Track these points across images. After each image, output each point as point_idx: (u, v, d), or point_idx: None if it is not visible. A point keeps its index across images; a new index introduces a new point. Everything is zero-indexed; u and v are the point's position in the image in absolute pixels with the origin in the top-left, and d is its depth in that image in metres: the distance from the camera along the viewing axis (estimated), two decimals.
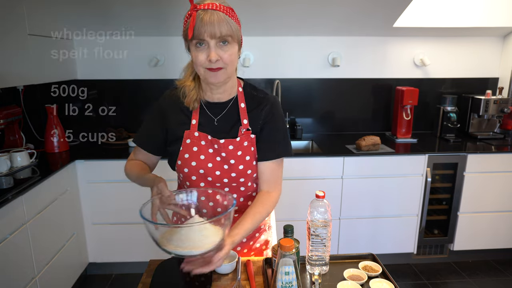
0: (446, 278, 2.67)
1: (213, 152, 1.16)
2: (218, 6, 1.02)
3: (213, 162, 1.16)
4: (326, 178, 2.56)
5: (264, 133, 1.19)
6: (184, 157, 1.16)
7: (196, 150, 1.16)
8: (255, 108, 1.19)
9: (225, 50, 1.04)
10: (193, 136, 1.16)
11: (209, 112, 1.19)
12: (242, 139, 1.16)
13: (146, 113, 1.27)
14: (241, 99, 1.19)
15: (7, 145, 2.38)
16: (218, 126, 1.18)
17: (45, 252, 2.04)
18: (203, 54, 1.04)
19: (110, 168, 2.44)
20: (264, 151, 1.19)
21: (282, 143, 1.20)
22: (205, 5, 1.02)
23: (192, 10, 1.02)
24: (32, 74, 2.24)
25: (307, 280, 1.13)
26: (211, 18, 1.00)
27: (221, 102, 1.19)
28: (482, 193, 2.67)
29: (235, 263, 1.17)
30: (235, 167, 1.16)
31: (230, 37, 1.03)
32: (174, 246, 0.88)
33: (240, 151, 1.16)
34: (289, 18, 2.70)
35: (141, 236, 2.56)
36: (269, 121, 1.19)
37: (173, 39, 2.90)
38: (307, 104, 3.12)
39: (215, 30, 1.00)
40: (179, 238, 0.90)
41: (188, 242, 0.89)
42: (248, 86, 1.23)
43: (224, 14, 1.02)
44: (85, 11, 2.53)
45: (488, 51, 3.12)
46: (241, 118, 1.18)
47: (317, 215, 1.10)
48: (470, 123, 3.02)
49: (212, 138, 1.16)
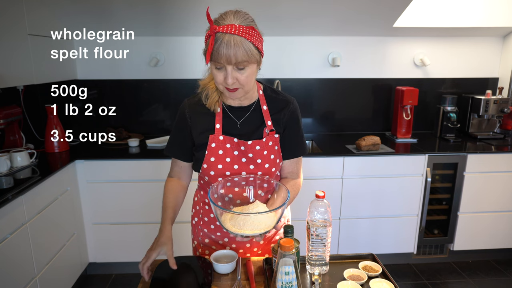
0: (446, 278, 2.67)
1: (239, 154, 1.20)
2: (237, 28, 1.01)
3: (239, 163, 1.20)
4: (326, 178, 2.56)
5: (287, 133, 1.26)
6: (210, 160, 1.20)
7: (221, 154, 1.19)
8: (278, 110, 1.25)
9: (241, 73, 1.06)
10: (218, 140, 1.19)
11: (232, 115, 1.23)
12: (267, 139, 1.21)
13: (172, 124, 1.31)
14: (263, 102, 1.24)
15: (7, 145, 2.38)
16: (242, 129, 1.22)
17: (45, 252, 2.04)
18: (221, 75, 1.07)
19: (110, 168, 2.44)
20: (288, 151, 1.27)
21: (302, 143, 1.31)
22: (223, 27, 1.00)
23: (212, 31, 1.02)
24: (32, 74, 2.24)
25: (307, 280, 1.13)
26: (228, 44, 1.00)
27: (244, 106, 1.23)
28: (482, 193, 2.67)
29: (235, 263, 1.17)
30: (262, 166, 1.21)
31: (246, 62, 1.04)
32: (239, 228, 1.04)
33: (266, 150, 1.21)
34: (289, 18, 2.70)
35: (141, 236, 2.56)
36: (291, 122, 1.26)
37: (173, 39, 2.90)
38: (307, 104, 3.12)
39: (231, 57, 1.01)
40: (245, 223, 1.04)
41: (256, 225, 1.04)
42: (268, 89, 1.28)
43: (241, 38, 1.01)
44: (85, 11, 2.53)
45: (488, 51, 3.12)
46: (265, 119, 1.23)
47: (317, 215, 1.10)
48: (470, 123, 3.02)
49: (238, 141, 1.20)
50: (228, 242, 1.31)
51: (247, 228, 1.03)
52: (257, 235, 1.05)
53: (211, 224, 1.31)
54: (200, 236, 1.35)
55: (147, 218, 2.54)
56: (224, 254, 1.22)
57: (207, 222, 1.32)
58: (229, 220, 1.07)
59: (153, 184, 2.46)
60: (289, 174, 1.33)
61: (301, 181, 1.37)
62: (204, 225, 1.33)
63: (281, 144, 1.24)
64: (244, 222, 1.03)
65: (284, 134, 1.25)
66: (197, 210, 1.37)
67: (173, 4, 2.48)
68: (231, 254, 1.21)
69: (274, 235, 1.36)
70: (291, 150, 1.28)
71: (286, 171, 1.32)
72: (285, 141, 1.25)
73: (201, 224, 1.34)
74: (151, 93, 3.00)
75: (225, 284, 1.11)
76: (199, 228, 1.35)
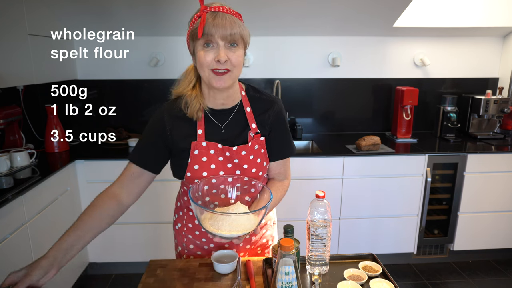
0: (446, 278, 2.67)
1: (224, 159, 1.14)
2: (228, 9, 1.03)
3: (224, 169, 1.14)
4: (326, 178, 2.56)
5: (274, 135, 1.21)
6: (193, 168, 1.13)
7: (205, 160, 1.13)
8: (262, 111, 1.19)
9: (233, 51, 1.02)
10: (201, 146, 1.12)
11: (215, 119, 1.15)
12: (253, 143, 1.16)
13: (144, 129, 1.18)
14: (246, 103, 1.18)
15: (7, 145, 2.38)
16: (225, 133, 1.15)
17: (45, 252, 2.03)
18: (211, 55, 1.01)
19: (110, 168, 2.44)
20: (275, 152, 1.23)
21: (290, 143, 1.26)
22: (215, 7, 1.01)
23: (202, 11, 1.01)
24: (32, 74, 2.24)
25: (307, 280, 1.13)
26: (223, 20, 0.99)
27: (226, 108, 1.16)
28: (482, 193, 2.67)
29: (235, 263, 1.17)
30: (248, 171, 1.16)
31: (240, 39, 1.02)
32: (217, 228, 1.00)
33: (252, 155, 1.16)
34: (289, 18, 2.70)
35: (141, 236, 2.56)
36: (277, 123, 1.21)
37: (173, 39, 2.90)
38: (307, 104, 3.12)
39: (226, 32, 0.99)
40: (224, 223, 1.00)
41: (234, 226, 1.00)
42: (251, 89, 1.22)
43: (235, 17, 1.03)
44: (85, 11, 2.53)
45: (488, 51, 3.12)
46: (249, 122, 1.17)
47: (317, 215, 1.10)
48: (470, 123, 3.02)
49: (223, 146, 1.13)
50: (213, 248, 1.27)
51: (225, 229, 0.99)
52: (235, 236, 0.99)
53: (196, 230, 1.26)
54: (184, 242, 1.30)
55: (147, 218, 2.54)
56: (224, 254, 1.22)
57: (192, 229, 1.27)
58: (208, 219, 1.02)
59: (153, 184, 2.43)
60: (276, 175, 1.29)
61: (289, 182, 1.32)
62: (189, 231, 1.28)
63: (267, 146, 1.19)
64: (222, 222, 0.99)
65: (270, 136, 1.20)
66: (180, 216, 1.31)
67: (173, 4, 2.48)
68: (231, 254, 1.21)
69: (260, 238, 1.32)
70: (278, 152, 1.23)
71: (273, 172, 1.28)
72: (271, 143, 1.21)
73: (185, 230, 1.29)
74: (151, 93, 3.00)
75: (225, 284, 1.10)
76: (183, 234, 1.30)
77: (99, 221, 1.11)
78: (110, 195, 1.15)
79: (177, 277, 1.14)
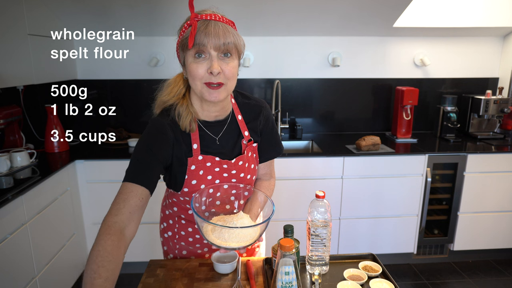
0: (446, 278, 2.67)
1: (220, 170, 1.13)
2: (220, 17, 0.97)
3: (220, 178, 1.14)
4: (326, 178, 2.56)
5: (263, 138, 1.23)
6: (191, 183, 1.11)
7: (202, 174, 1.11)
8: (253, 119, 1.19)
9: (227, 62, 0.97)
10: (197, 161, 1.09)
11: (209, 131, 1.12)
12: (247, 151, 1.17)
13: (136, 148, 1.05)
14: (237, 111, 1.17)
15: (7, 145, 2.38)
16: (220, 145, 1.13)
17: (45, 252, 2.04)
18: (203, 66, 0.96)
19: (110, 168, 2.44)
20: (264, 154, 1.25)
21: (278, 144, 1.28)
22: (207, 15, 0.96)
23: (193, 19, 0.95)
24: (32, 74, 2.24)
25: (307, 280, 1.13)
26: (216, 29, 0.93)
27: (220, 120, 1.13)
28: (482, 193, 2.67)
29: (235, 263, 1.17)
30: (244, 178, 1.17)
31: (234, 49, 0.97)
32: (224, 241, 0.99)
33: (247, 163, 1.17)
34: (289, 18, 2.69)
35: (141, 236, 2.56)
36: (266, 127, 1.23)
37: (173, 39, 2.86)
38: (307, 104, 3.12)
39: (219, 41, 0.93)
40: (230, 235, 0.99)
41: (242, 237, 1.00)
42: (239, 95, 1.21)
43: (229, 26, 0.98)
44: (85, 11, 2.53)
45: (488, 51, 3.12)
46: (241, 130, 1.16)
47: (317, 215, 1.10)
48: (470, 123, 3.02)
49: (221, 160, 1.11)
50: (208, 252, 1.27)
51: (233, 240, 0.98)
52: (242, 247, 0.99)
53: (189, 237, 1.25)
54: (176, 249, 1.29)
55: (147, 218, 2.53)
56: (224, 254, 1.21)
57: (185, 236, 1.25)
58: (211, 231, 1.00)
59: None
60: (263, 175, 1.30)
61: (275, 181, 1.35)
62: (181, 238, 1.26)
63: (258, 150, 1.22)
64: (229, 235, 0.98)
65: (262, 137, 1.23)
66: (170, 224, 1.28)
67: (173, 4, 2.48)
68: (231, 254, 1.21)
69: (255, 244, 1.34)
70: (267, 153, 1.25)
71: (260, 173, 1.29)
72: (262, 145, 1.22)
73: (177, 238, 1.27)
74: (151, 93, 2.98)
75: (225, 284, 1.10)
76: (175, 242, 1.28)
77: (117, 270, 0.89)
78: (119, 237, 0.89)
79: (177, 277, 1.14)
